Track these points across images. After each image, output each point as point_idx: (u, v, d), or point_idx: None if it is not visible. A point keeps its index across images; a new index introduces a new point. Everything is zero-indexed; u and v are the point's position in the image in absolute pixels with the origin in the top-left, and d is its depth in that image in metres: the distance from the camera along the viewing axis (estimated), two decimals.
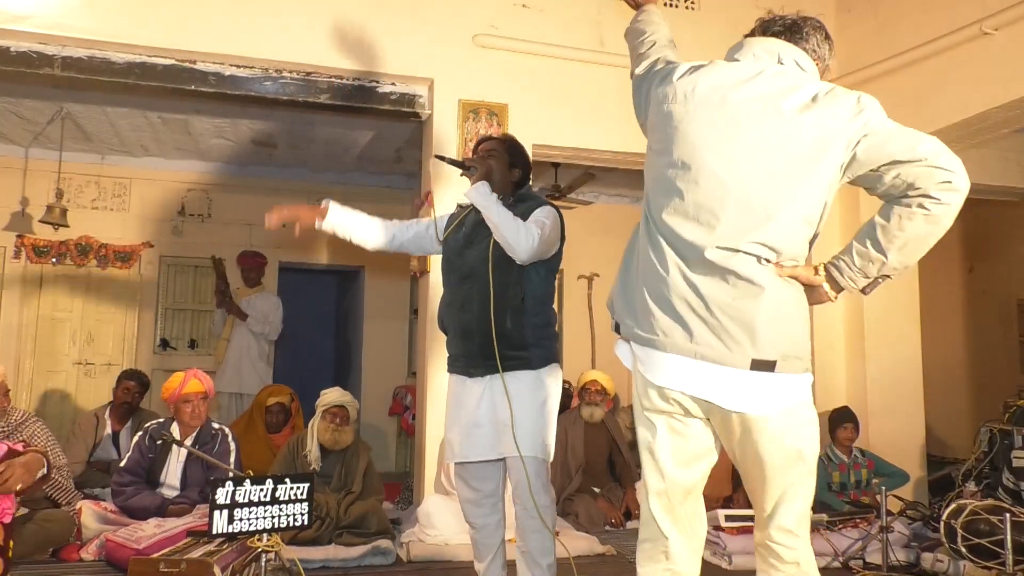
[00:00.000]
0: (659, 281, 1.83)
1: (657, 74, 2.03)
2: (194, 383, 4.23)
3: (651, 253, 1.87)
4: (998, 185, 6.22)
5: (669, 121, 1.88)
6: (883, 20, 5.21)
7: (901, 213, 1.73)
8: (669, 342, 1.81)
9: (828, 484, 4.81)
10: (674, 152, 1.85)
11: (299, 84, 4.65)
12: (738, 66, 1.89)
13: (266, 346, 6.31)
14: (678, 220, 1.82)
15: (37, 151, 6.90)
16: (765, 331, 1.76)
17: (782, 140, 1.77)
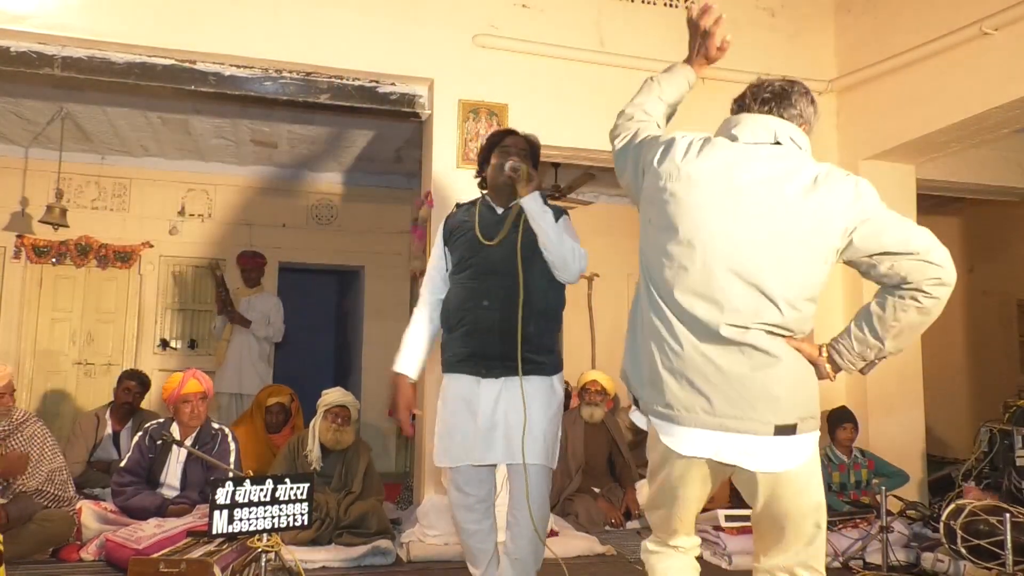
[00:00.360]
0: (674, 356, 1.89)
1: (651, 145, 2.06)
2: (193, 383, 4.23)
3: (660, 327, 1.92)
4: (998, 185, 6.23)
5: (673, 200, 1.93)
6: (882, 20, 5.22)
7: (896, 304, 1.86)
8: (690, 417, 1.87)
9: (828, 484, 4.81)
10: (679, 231, 1.90)
11: (299, 84, 4.65)
12: (738, 147, 1.95)
13: (266, 346, 6.31)
14: (689, 298, 1.88)
15: (37, 151, 6.90)
16: (785, 397, 1.86)
17: (787, 225, 1.85)
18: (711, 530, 4.11)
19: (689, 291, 1.87)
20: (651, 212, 1.99)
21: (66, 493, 3.88)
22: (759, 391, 1.84)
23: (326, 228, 7.72)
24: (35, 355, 6.97)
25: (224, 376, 6.07)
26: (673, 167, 1.95)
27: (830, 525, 4.16)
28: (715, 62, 2.35)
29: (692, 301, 1.87)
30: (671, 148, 1.99)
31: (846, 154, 5.55)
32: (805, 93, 2.05)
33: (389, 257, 7.79)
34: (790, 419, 1.85)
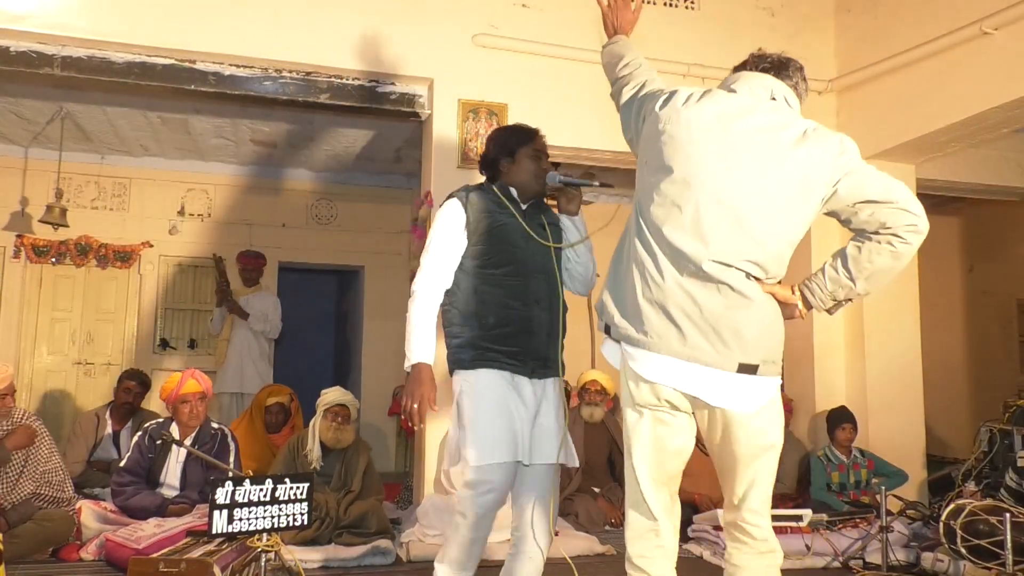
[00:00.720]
0: (655, 287, 2.01)
1: (654, 96, 2.19)
2: (191, 383, 4.23)
3: (646, 260, 2.03)
4: (998, 185, 6.23)
5: (671, 141, 2.04)
6: (883, 20, 5.21)
7: (872, 248, 1.97)
8: (663, 344, 1.99)
9: (828, 484, 4.81)
10: (675, 170, 2.02)
11: (299, 84, 4.65)
12: (737, 98, 2.09)
13: (266, 345, 6.31)
14: (677, 233, 1.99)
15: (37, 151, 6.90)
16: (752, 338, 1.98)
17: (778, 172, 1.98)
18: (711, 530, 4.11)
19: (678, 227, 1.99)
20: (648, 154, 2.12)
21: (64, 493, 3.88)
22: (729, 329, 1.97)
23: (326, 228, 7.72)
24: (35, 355, 6.97)
25: (225, 376, 6.07)
26: (673, 111, 2.07)
27: (830, 525, 4.17)
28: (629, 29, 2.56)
29: (680, 236, 1.98)
30: (673, 96, 2.11)
31: None
32: (800, 69, 2.22)
33: (389, 257, 7.79)
34: (754, 359, 1.98)
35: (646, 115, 2.17)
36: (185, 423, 4.23)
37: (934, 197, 6.86)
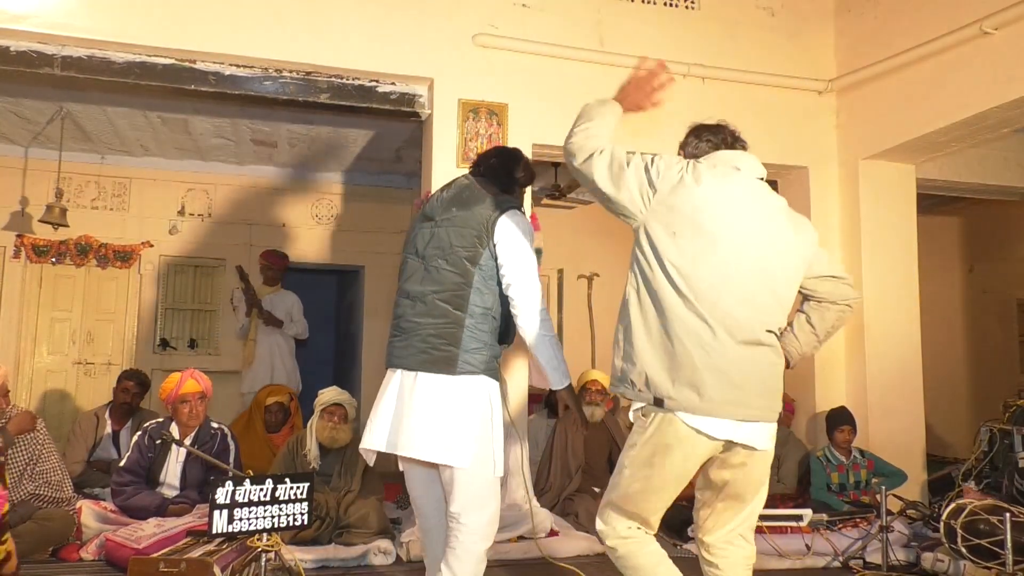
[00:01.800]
0: (716, 355, 2.18)
1: (662, 173, 2.28)
2: (191, 383, 4.23)
3: (701, 330, 2.18)
4: (998, 185, 6.23)
5: (711, 219, 2.22)
6: (882, 20, 5.22)
7: (833, 312, 2.49)
8: (726, 410, 2.18)
9: (827, 484, 4.81)
10: (719, 247, 2.22)
11: (299, 84, 4.65)
12: (748, 179, 2.35)
13: (294, 344, 6.34)
14: (733, 304, 2.20)
15: (37, 151, 6.89)
16: (780, 389, 2.35)
17: (786, 246, 2.33)
18: None
19: (733, 297, 2.20)
20: (678, 225, 2.23)
21: (63, 493, 3.87)
22: (773, 385, 2.28)
23: (326, 228, 7.72)
24: (35, 355, 6.97)
25: (256, 376, 6.11)
26: (698, 192, 2.24)
27: (830, 525, 4.17)
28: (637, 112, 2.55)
29: (735, 306, 2.20)
30: (685, 174, 2.28)
31: (846, 154, 5.55)
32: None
33: (389, 257, 7.78)
34: (780, 407, 2.34)
35: (665, 183, 2.26)
36: (185, 423, 4.23)
37: (934, 197, 6.86)
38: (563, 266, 7.78)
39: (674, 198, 2.24)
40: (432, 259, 2.63)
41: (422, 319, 2.59)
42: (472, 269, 2.56)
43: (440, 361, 2.53)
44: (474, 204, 2.62)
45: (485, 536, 2.56)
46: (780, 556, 3.97)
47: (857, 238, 5.42)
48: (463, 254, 2.58)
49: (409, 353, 2.59)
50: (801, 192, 5.60)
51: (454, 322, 2.55)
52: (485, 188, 2.69)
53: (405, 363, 2.60)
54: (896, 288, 5.44)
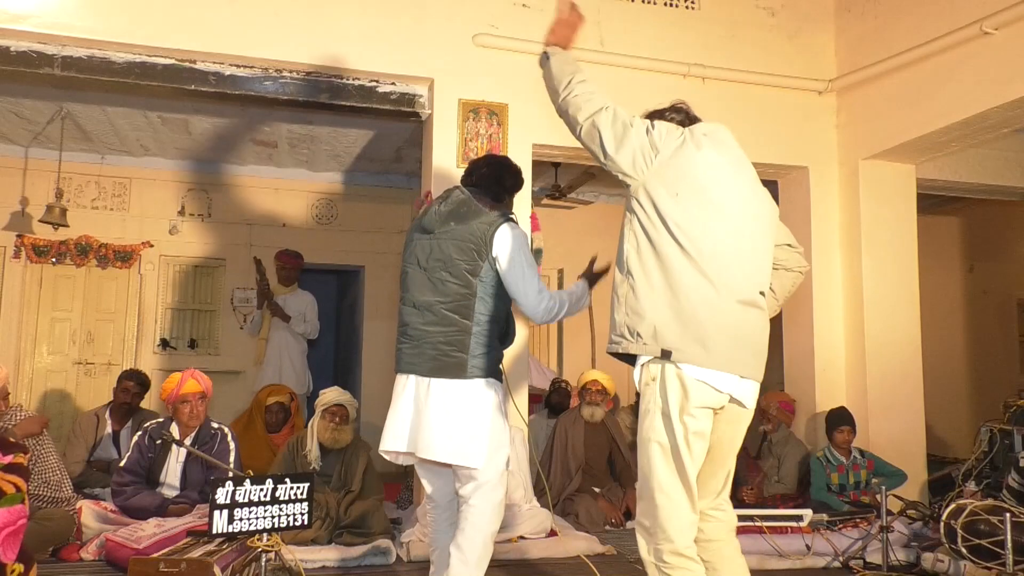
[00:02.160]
0: (721, 314, 2.23)
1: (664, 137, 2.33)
2: (191, 383, 4.22)
3: (706, 289, 2.23)
4: (998, 185, 6.23)
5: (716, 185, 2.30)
6: (883, 20, 5.22)
7: (788, 278, 2.57)
8: (730, 364, 2.23)
9: (827, 485, 4.81)
10: (725, 211, 2.28)
11: (299, 84, 4.65)
12: (734, 148, 2.43)
13: (304, 344, 6.35)
14: (735, 265, 2.27)
15: (37, 151, 6.90)
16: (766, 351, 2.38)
17: (769, 216, 2.44)
18: None
19: (736, 260, 2.27)
20: (680, 187, 2.28)
21: (61, 493, 3.87)
22: (763, 345, 2.34)
23: (326, 228, 7.72)
24: (35, 355, 6.97)
25: (265, 375, 6.13)
26: (700, 157, 2.30)
27: (830, 525, 4.17)
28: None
29: (737, 269, 2.27)
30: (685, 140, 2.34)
31: (846, 154, 5.55)
32: None
33: (389, 257, 7.78)
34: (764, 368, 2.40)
35: (667, 146, 2.31)
36: (185, 423, 4.23)
37: (934, 197, 6.87)
38: (563, 266, 7.78)
39: (676, 160, 2.29)
40: (435, 271, 2.82)
41: (431, 328, 2.79)
42: (474, 281, 2.77)
43: (451, 367, 2.74)
44: (470, 218, 2.81)
45: (492, 519, 2.77)
46: (780, 556, 3.97)
47: (857, 238, 5.42)
48: (464, 267, 2.77)
49: (421, 360, 2.79)
50: (801, 192, 5.60)
51: (462, 330, 2.76)
52: (479, 200, 2.88)
53: (418, 369, 2.80)
54: (896, 288, 5.43)
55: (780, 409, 5.32)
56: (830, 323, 5.50)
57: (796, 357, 5.62)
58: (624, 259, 2.33)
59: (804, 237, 5.57)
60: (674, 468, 2.21)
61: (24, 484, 2.79)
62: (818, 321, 5.46)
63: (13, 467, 2.78)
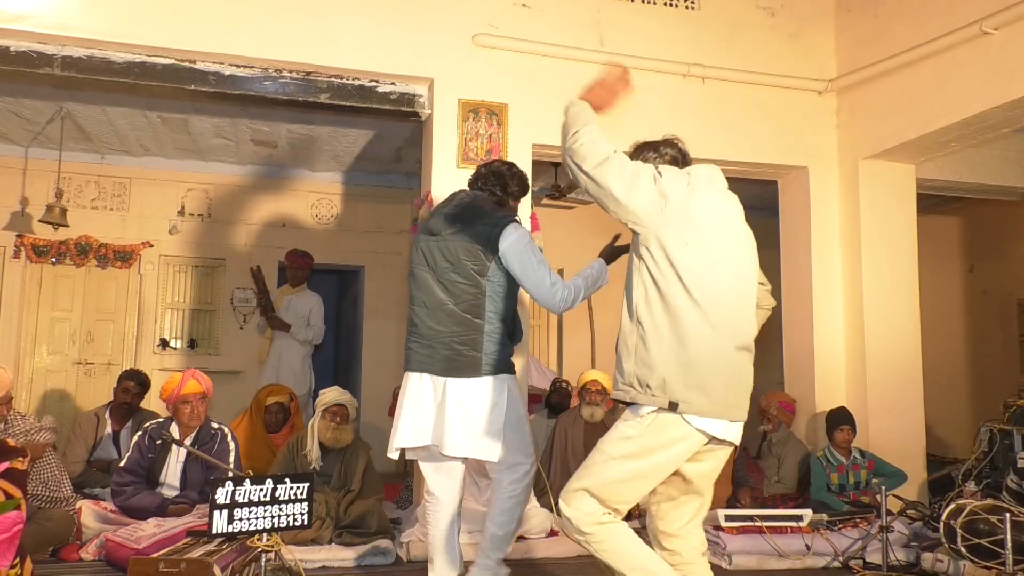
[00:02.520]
0: (725, 364, 2.29)
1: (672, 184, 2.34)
2: (192, 384, 4.22)
3: (709, 337, 2.28)
4: (998, 185, 6.23)
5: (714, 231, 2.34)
6: (883, 20, 5.21)
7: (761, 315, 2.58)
8: (727, 411, 2.30)
9: (827, 485, 4.81)
10: (724, 257, 2.34)
11: (299, 84, 4.65)
12: (726, 192, 2.45)
13: (308, 347, 6.35)
14: (736, 312, 2.33)
15: (37, 151, 6.90)
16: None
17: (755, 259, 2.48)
18: (711, 530, 4.11)
19: (736, 306, 2.34)
20: (689, 234, 2.31)
21: (60, 492, 3.86)
22: (750, 387, 2.38)
23: (326, 228, 7.72)
24: (35, 355, 6.97)
25: (265, 376, 6.14)
26: (702, 202, 2.35)
27: (830, 525, 4.16)
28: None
29: (738, 315, 2.33)
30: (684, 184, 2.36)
31: (846, 154, 5.55)
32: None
33: (389, 257, 7.79)
34: None
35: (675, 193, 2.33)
36: (185, 423, 4.23)
37: (934, 197, 6.87)
38: (563, 266, 7.76)
39: (685, 208, 2.32)
40: (444, 272, 2.92)
41: (443, 327, 2.90)
42: (483, 281, 2.88)
43: (466, 366, 2.86)
44: (476, 221, 2.91)
45: (521, 479, 3.01)
46: (780, 556, 3.97)
47: (857, 238, 5.42)
48: (472, 268, 2.87)
49: (435, 360, 2.90)
50: (801, 192, 5.60)
51: (474, 329, 2.87)
52: (483, 204, 2.98)
53: (432, 368, 2.91)
54: (896, 288, 5.43)
55: (780, 409, 5.32)
56: (830, 323, 5.50)
57: (796, 357, 5.62)
58: (634, 307, 2.36)
59: (804, 237, 5.57)
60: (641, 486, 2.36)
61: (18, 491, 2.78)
62: (818, 321, 5.46)
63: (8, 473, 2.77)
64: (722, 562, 4.00)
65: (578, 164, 2.40)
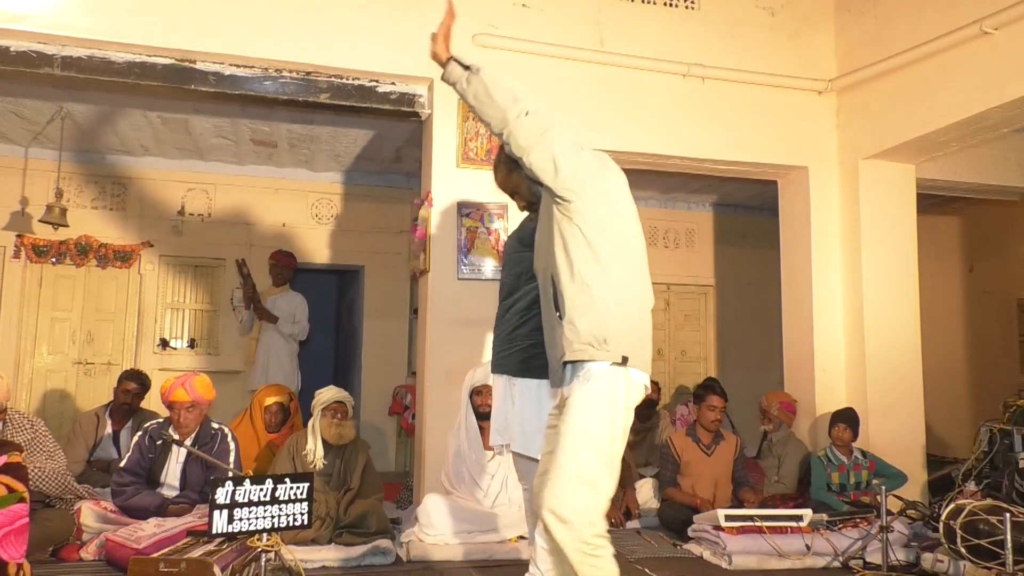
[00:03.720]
0: (645, 323, 2.51)
1: (594, 162, 2.50)
2: (179, 392, 4.13)
3: (633, 299, 2.47)
4: (998, 185, 6.23)
5: (626, 208, 2.53)
6: (883, 20, 5.22)
7: None
8: (648, 366, 2.50)
9: (828, 484, 4.81)
10: (636, 230, 2.55)
11: (299, 84, 4.65)
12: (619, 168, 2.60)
13: (294, 345, 6.32)
14: (646, 277, 2.54)
15: (37, 151, 6.90)
16: None
17: None
18: (711, 530, 4.11)
19: (644, 272, 2.54)
20: (615, 205, 2.49)
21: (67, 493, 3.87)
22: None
23: (326, 228, 7.72)
24: (35, 355, 6.97)
25: (253, 375, 6.12)
26: (619, 175, 2.55)
27: (830, 525, 4.16)
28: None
29: (647, 280, 2.54)
30: (606, 164, 2.54)
31: (846, 154, 5.55)
32: None
33: (389, 257, 7.79)
34: None
35: (600, 165, 2.50)
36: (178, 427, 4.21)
37: (934, 197, 6.87)
38: None
39: (608, 179, 2.50)
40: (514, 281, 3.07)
41: (518, 331, 2.98)
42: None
43: (538, 368, 2.88)
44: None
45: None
46: (780, 556, 3.97)
47: (857, 238, 5.42)
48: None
49: (510, 361, 2.98)
50: (801, 192, 5.60)
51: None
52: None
53: (506, 370, 3.00)
54: (896, 288, 5.44)
55: (781, 409, 5.32)
56: (830, 323, 5.50)
57: (796, 357, 5.62)
58: (576, 270, 2.41)
59: (804, 237, 5.57)
60: (605, 461, 2.36)
61: (20, 484, 2.78)
62: (818, 321, 5.46)
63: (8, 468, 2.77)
64: (722, 562, 4.00)
65: (527, 138, 2.42)
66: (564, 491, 2.29)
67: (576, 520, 2.26)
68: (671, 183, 7.66)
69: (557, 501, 2.27)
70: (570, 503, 2.28)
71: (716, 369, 8.23)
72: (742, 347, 8.39)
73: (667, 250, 8.45)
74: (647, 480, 5.14)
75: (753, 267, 8.36)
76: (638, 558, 3.96)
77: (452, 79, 2.50)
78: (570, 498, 2.28)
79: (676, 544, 4.31)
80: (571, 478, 2.30)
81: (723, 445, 4.81)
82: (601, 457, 2.34)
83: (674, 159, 5.30)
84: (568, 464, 2.31)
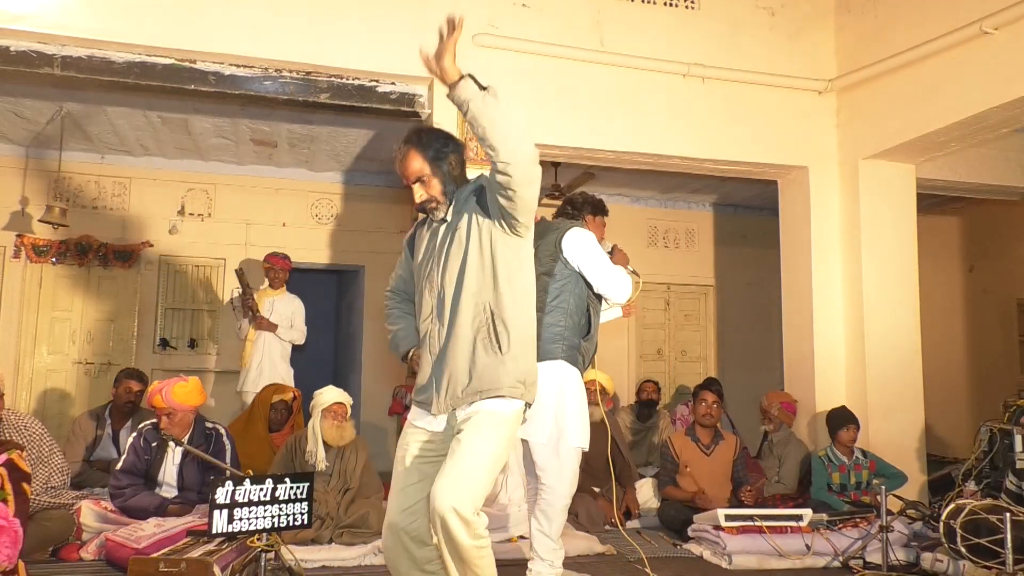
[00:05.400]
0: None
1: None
2: (157, 399, 4.10)
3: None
4: (998, 185, 6.23)
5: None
6: (883, 20, 5.22)
7: None
8: None
9: (828, 484, 4.81)
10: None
11: (299, 84, 4.65)
12: None
13: (287, 346, 6.31)
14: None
15: (37, 151, 6.90)
16: None
17: None
18: (711, 530, 4.11)
19: None
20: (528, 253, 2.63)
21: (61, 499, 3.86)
22: None
23: (326, 228, 7.72)
24: (35, 355, 6.97)
25: (248, 377, 6.08)
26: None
27: (830, 525, 4.16)
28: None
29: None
30: None
31: (846, 154, 5.55)
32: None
33: (389, 257, 7.78)
34: None
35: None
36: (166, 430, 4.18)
37: (934, 197, 6.87)
38: None
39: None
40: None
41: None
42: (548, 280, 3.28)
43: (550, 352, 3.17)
44: (547, 233, 3.37)
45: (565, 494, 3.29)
46: (780, 556, 3.97)
47: (857, 238, 5.42)
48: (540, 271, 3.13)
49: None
50: (801, 192, 5.60)
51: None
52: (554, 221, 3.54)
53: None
54: (896, 288, 5.43)
55: (782, 410, 5.32)
56: (830, 323, 5.50)
57: (796, 357, 5.62)
58: (521, 307, 2.51)
59: (804, 237, 5.57)
60: (496, 472, 2.44)
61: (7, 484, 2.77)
62: (818, 321, 5.46)
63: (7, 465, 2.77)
64: (722, 562, 3.99)
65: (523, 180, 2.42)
66: (462, 489, 2.24)
67: (478, 526, 2.26)
68: (671, 183, 7.66)
69: (462, 502, 2.23)
70: (474, 498, 2.26)
71: (716, 369, 8.23)
72: (742, 347, 8.39)
73: (667, 250, 8.45)
74: (647, 480, 5.15)
75: (753, 267, 8.36)
76: (638, 558, 3.96)
77: (464, 96, 2.37)
78: (471, 494, 2.25)
79: (676, 544, 4.31)
80: (474, 477, 2.29)
81: (722, 445, 4.81)
82: (496, 470, 2.43)
83: (674, 159, 5.30)
84: (475, 469, 2.30)
